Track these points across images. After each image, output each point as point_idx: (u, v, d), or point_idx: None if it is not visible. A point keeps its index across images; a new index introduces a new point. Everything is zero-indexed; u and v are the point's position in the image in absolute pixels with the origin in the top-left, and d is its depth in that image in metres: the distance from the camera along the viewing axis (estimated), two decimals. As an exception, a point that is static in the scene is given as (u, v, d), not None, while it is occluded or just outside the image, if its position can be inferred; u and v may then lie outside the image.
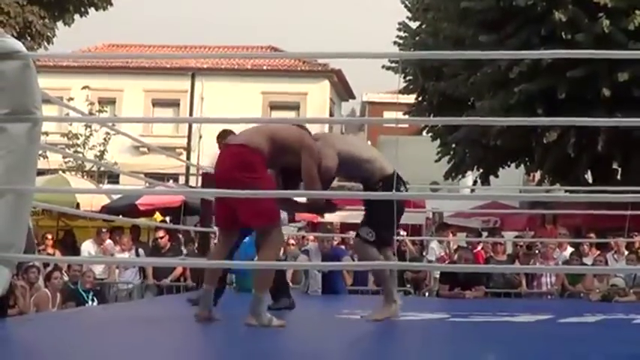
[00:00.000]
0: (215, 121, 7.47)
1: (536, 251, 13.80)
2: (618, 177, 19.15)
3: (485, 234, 17.84)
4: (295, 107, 35.86)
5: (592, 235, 14.46)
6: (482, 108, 17.95)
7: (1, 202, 4.58)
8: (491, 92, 18.28)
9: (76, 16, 21.57)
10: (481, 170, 21.15)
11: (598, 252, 13.21)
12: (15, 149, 4.74)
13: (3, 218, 4.59)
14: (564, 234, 14.35)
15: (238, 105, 30.87)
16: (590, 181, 19.38)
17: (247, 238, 8.17)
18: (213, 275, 6.34)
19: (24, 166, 4.80)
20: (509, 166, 21.41)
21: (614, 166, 19.10)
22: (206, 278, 6.37)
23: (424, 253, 14.82)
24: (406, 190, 7.08)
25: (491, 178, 20.98)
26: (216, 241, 11.75)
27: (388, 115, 32.20)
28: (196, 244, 12.75)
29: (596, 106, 16.34)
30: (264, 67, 36.22)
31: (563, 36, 16.52)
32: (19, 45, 4.93)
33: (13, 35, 10.32)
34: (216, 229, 7.28)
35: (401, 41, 21.95)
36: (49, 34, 20.74)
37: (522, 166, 21.83)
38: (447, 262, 13.47)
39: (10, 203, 4.63)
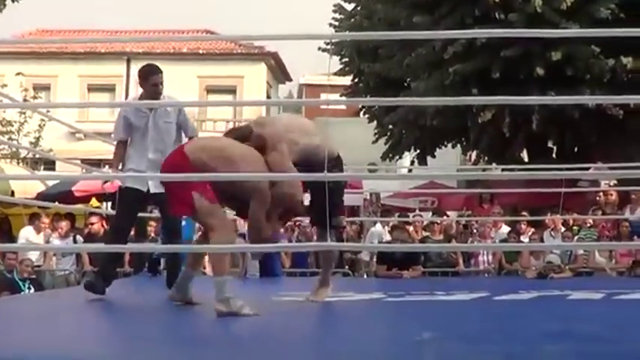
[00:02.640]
0: (150, 104, 7.43)
1: (474, 230, 13.93)
2: (554, 155, 19.33)
3: (426, 214, 17.94)
4: (232, 91, 35.67)
5: (525, 213, 14.57)
6: (418, 89, 17.96)
7: None
8: (427, 73, 18.30)
9: (8, 2, 21.19)
10: (418, 151, 21.21)
11: (533, 230, 13.34)
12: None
13: None
14: (499, 212, 14.43)
15: (174, 89, 30.27)
16: (526, 160, 19.57)
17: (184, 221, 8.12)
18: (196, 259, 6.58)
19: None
20: (445, 147, 21.49)
21: (550, 144, 19.28)
22: (188, 262, 6.55)
23: (361, 235, 14.83)
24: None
25: (429, 158, 21.07)
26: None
27: (325, 97, 32.21)
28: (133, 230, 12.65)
29: (530, 85, 16.42)
30: (200, 51, 35.98)
31: (497, 16, 16.58)
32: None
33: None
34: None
35: (336, 23, 21.92)
36: (-19, 19, 20.37)
37: (459, 146, 21.95)
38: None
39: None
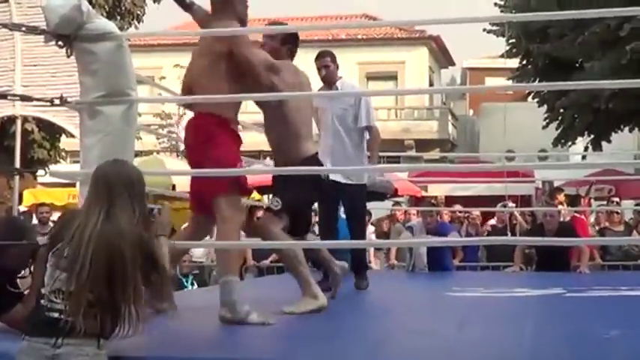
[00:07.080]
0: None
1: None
2: None
3: (598, 203, 17.21)
4: (393, 77, 35.22)
5: None
6: (592, 70, 17.20)
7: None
8: (601, 52, 17.50)
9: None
10: (592, 136, 20.37)
11: None
12: (111, 131, 4.91)
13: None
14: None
15: (335, 77, 30.40)
16: None
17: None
18: None
19: (121, 149, 4.87)
20: (622, 131, 20.56)
21: None
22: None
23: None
24: (327, 180, 6.46)
25: (604, 143, 20.21)
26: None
27: (490, 81, 31.50)
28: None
29: None
30: (360, 37, 35.59)
31: (679, -12, 15.64)
32: (111, 25, 5.09)
33: (102, 15, 10.12)
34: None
35: (502, 2, 21.21)
36: (138, 12, 20.41)
37: (637, 129, 20.95)
38: None
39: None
